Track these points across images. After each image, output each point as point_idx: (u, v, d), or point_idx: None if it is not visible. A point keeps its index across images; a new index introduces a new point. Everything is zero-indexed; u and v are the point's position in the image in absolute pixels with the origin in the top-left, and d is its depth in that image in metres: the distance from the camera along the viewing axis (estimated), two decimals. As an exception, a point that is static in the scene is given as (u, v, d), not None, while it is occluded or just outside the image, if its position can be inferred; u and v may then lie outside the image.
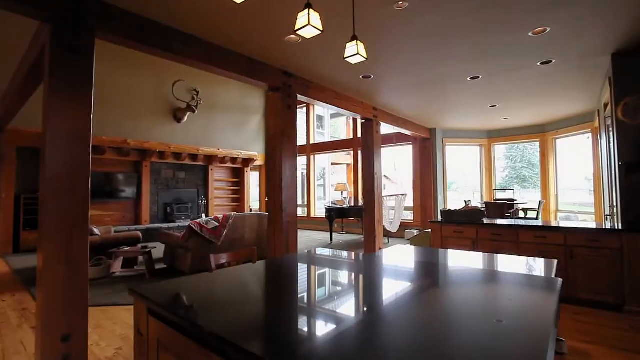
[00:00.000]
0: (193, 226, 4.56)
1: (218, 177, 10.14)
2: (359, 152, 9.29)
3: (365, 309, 1.24)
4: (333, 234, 8.82)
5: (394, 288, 1.52)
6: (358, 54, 1.97)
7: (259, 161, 11.06)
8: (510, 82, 4.73)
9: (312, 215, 10.13)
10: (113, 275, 4.63)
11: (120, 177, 7.97)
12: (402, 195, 6.36)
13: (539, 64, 4.04)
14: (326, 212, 7.53)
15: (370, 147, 5.73)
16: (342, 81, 4.59)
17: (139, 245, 5.10)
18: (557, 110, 6.50)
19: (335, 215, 7.37)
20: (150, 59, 8.53)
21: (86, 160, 2.39)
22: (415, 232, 7.79)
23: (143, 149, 8.04)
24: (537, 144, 7.89)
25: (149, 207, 8.42)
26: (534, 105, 6.01)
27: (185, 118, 9.07)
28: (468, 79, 4.55)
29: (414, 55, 3.81)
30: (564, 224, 3.88)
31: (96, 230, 4.95)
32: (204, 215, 9.43)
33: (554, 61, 3.96)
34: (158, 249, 6.03)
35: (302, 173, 14.84)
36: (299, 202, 14.19)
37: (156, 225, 8.20)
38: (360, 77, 4.40)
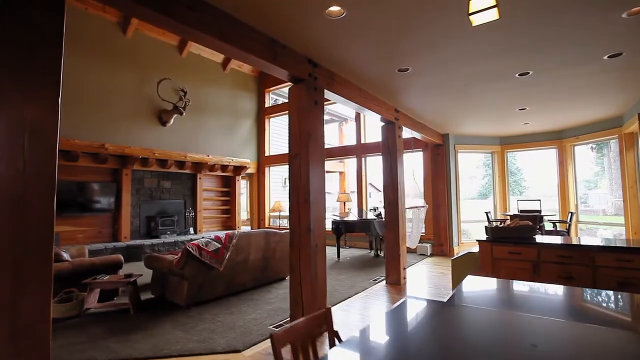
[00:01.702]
0: (191, 249, 3.70)
1: (207, 186, 9.21)
2: (364, 160, 8.62)
3: None
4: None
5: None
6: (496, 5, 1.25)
7: (251, 169, 10.20)
8: (558, 80, 4.15)
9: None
10: (87, 311, 3.69)
11: (95, 186, 6.95)
12: (422, 207, 5.69)
13: (606, 57, 3.47)
14: (333, 226, 6.77)
15: (392, 152, 5.04)
16: (371, 75, 3.89)
17: (121, 273, 4.17)
18: (583, 115, 6.03)
19: (344, 229, 6.61)
20: (132, 54, 7.62)
21: (50, 166, 1.57)
22: (428, 245, 7.13)
23: (123, 154, 7.06)
24: (544, 150, 7.44)
25: (130, 220, 7.40)
26: (566, 108, 5.50)
27: (172, 121, 8.15)
28: (516, 75, 3.94)
29: (463, 47, 3.16)
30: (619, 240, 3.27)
31: (65, 255, 3.99)
32: (191, 229, 8.46)
33: (624, 54, 3.40)
34: (142, 272, 5.09)
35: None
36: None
37: (138, 241, 7.20)
38: (396, 70, 3.71)
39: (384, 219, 6.99)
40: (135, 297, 3.76)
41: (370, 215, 7.37)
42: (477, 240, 3.74)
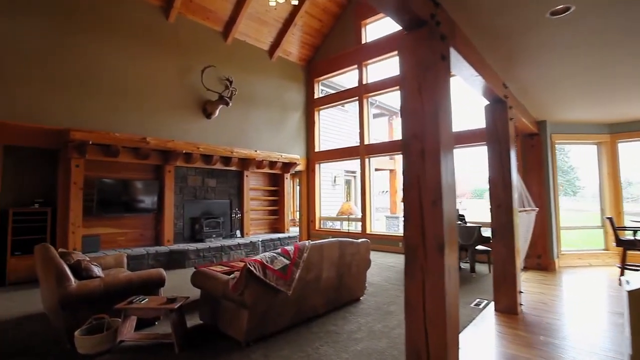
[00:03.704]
0: (253, 268, 2.73)
1: (254, 185, 8.38)
2: (432, 154, 7.36)
3: None
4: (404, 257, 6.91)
5: None
6: None
7: (300, 166, 9.26)
8: None
9: (369, 231, 8.23)
10: (121, 344, 2.85)
11: (139, 185, 6.29)
12: (533, 210, 4.43)
13: None
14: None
15: (502, 140, 3.83)
16: (499, 24, 2.75)
17: (163, 294, 3.32)
18: None
19: (421, 236, 5.46)
20: (174, 41, 6.92)
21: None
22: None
23: (166, 149, 6.34)
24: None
25: (173, 222, 6.69)
26: None
27: (217, 113, 7.39)
28: None
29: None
30: None
31: (96, 270, 3.19)
32: (238, 232, 7.65)
33: None
34: (187, 286, 4.25)
35: (349, 179, 12.98)
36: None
37: (181, 245, 6.46)
38: (547, 12, 2.53)
39: (468, 224, 5.79)
40: (180, 329, 2.87)
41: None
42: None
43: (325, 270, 3.48)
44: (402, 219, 2.22)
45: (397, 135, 14.08)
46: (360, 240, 4.02)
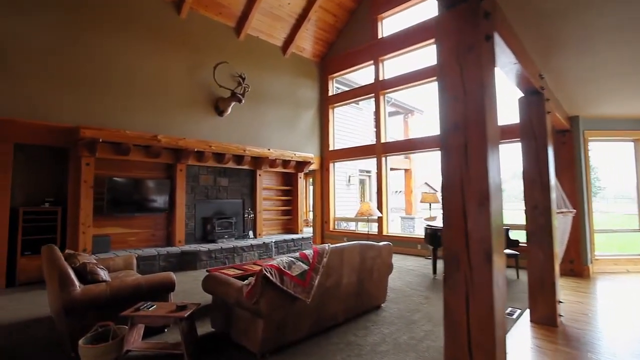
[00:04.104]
0: (269, 274, 2.49)
1: (267, 184, 8.17)
2: (453, 152, 7.02)
3: None
4: (423, 259, 6.59)
5: None
6: None
7: (314, 165, 9.02)
8: None
9: (385, 232, 7.93)
10: (128, 354, 2.64)
11: (150, 184, 6.14)
12: (569, 212, 4.09)
13: None
14: (428, 235, 5.32)
15: (539, 136, 3.51)
16: (541, 4, 2.45)
17: (173, 299, 3.11)
18: None
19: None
20: (186, 37, 6.76)
21: None
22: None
23: (177, 147, 6.18)
24: None
25: (184, 222, 6.53)
26: None
27: (229, 110, 7.20)
28: None
29: None
30: None
31: (102, 273, 2.99)
32: (251, 232, 7.45)
33: None
34: (198, 290, 4.05)
35: (363, 179, 12.68)
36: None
37: (193, 246, 6.28)
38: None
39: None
40: (190, 338, 2.65)
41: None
42: None
43: (345, 275, 3.22)
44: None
45: (413, 134, 13.73)
46: (381, 244, 3.75)
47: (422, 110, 15.22)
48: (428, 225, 5.44)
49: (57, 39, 5.37)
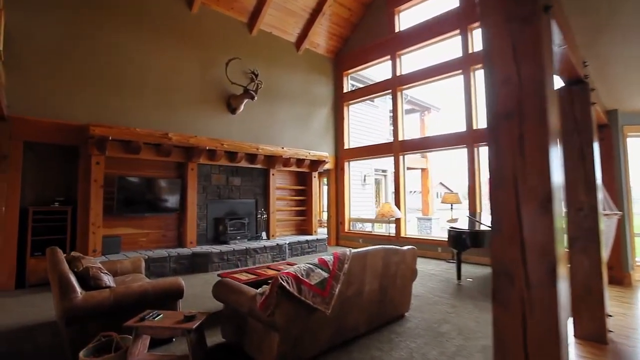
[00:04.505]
0: (286, 283, 2.23)
1: (280, 184, 7.95)
2: (476, 150, 6.68)
3: None
4: (444, 263, 6.26)
5: None
6: None
7: (329, 164, 8.75)
8: None
9: (403, 234, 7.61)
10: (133, 368, 2.42)
11: (162, 183, 5.98)
12: (615, 214, 3.72)
13: None
14: (452, 238, 4.99)
15: (582, 130, 3.16)
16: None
17: (182, 305, 2.89)
18: None
19: (470, 241, 4.79)
20: (197, 33, 6.58)
21: None
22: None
23: (189, 145, 5.99)
24: None
25: (196, 223, 6.34)
26: None
27: (242, 107, 7.00)
28: None
29: None
30: None
31: (106, 279, 2.79)
32: (264, 233, 7.23)
33: None
34: (209, 297, 3.83)
35: (379, 178, 12.35)
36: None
37: (205, 247, 6.09)
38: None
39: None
40: (199, 351, 2.42)
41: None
42: None
43: (367, 283, 2.94)
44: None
45: (430, 132, 13.32)
46: (405, 248, 3.45)
47: (439, 107, 14.79)
48: (452, 227, 5.11)
49: (67, 36, 5.25)
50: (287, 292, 2.25)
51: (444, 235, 8.52)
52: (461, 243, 4.86)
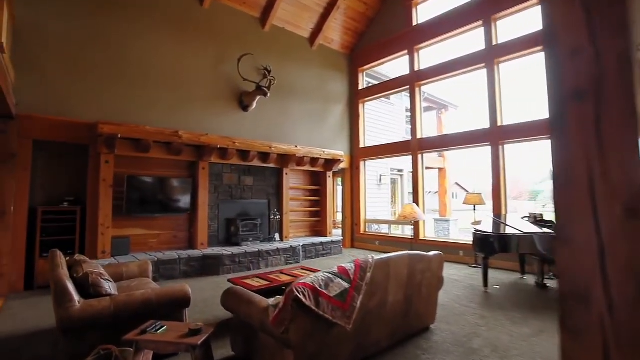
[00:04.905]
0: (302, 296, 1.97)
1: (293, 183, 7.71)
2: (501, 148, 6.29)
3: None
4: (467, 268, 5.90)
5: None
6: None
7: (344, 163, 8.46)
8: None
9: (422, 236, 7.27)
10: (134, 386, 2.19)
11: (171, 183, 5.81)
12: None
13: None
14: (479, 242, 4.64)
15: None
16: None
17: (188, 315, 2.66)
18: None
19: (498, 246, 4.44)
20: (208, 28, 6.40)
21: None
22: None
23: (200, 144, 5.81)
24: None
25: (207, 224, 6.15)
26: None
27: (254, 104, 6.78)
28: None
29: None
30: None
31: (107, 286, 2.57)
32: (277, 235, 7.00)
33: None
34: (217, 300, 3.60)
35: (395, 178, 12.01)
36: (388, 214, 11.42)
37: (216, 249, 5.89)
38: None
39: (550, 231, 4.69)
40: (206, 368, 2.17)
41: (524, 225, 5.03)
42: None
43: (391, 293, 2.66)
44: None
45: (447, 130, 12.88)
46: (432, 254, 3.15)
47: (456, 105, 14.32)
48: (477, 230, 4.76)
49: (77, 33, 5.12)
50: (304, 306, 1.99)
51: (464, 238, 8.15)
52: (488, 247, 4.51)
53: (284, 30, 7.71)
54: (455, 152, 8.38)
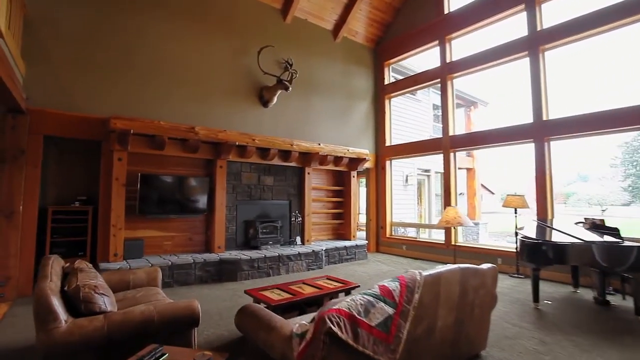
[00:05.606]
0: (337, 328, 1.51)
1: (316, 183, 7.26)
2: (546, 145, 5.64)
3: None
4: (507, 277, 5.27)
5: None
6: None
7: (369, 162, 7.96)
8: None
9: (454, 241, 6.67)
10: None
11: (187, 182, 5.48)
12: None
13: None
14: (528, 250, 4.03)
15: None
16: None
17: (197, 336, 2.25)
18: None
19: (554, 255, 3.83)
20: (227, 19, 6.05)
21: None
22: None
23: (217, 140, 5.45)
24: None
25: (224, 226, 5.78)
26: None
27: (275, 100, 6.39)
28: None
29: None
30: None
31: (102, 301, 2.18)
32: (298, 238, 6.56)
33: None
34: (234, 311, 3.18)
35: (421, 179, 11.37)
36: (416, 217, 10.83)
37: (234, 253, 5.51)
38: None
39: (617, 240, 4.01)
40: (215, 410, 1.74)
41: (581, 232, 4.37)
42: None
43: (440, 317, 2.16)
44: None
45: (477, 128, 12.14)
46: (485, 267, 2.62)
47: (487, 101, 13.52)
48: (526, 237, 4.17)
49: (90, 25, 4.86)
50: (338, 340, 1.52)
51: (499, 244, 7.49)
52: (541, 257, 3.91)
53: (306, 22, 7.29)
54: (485, 152, 7.72)
